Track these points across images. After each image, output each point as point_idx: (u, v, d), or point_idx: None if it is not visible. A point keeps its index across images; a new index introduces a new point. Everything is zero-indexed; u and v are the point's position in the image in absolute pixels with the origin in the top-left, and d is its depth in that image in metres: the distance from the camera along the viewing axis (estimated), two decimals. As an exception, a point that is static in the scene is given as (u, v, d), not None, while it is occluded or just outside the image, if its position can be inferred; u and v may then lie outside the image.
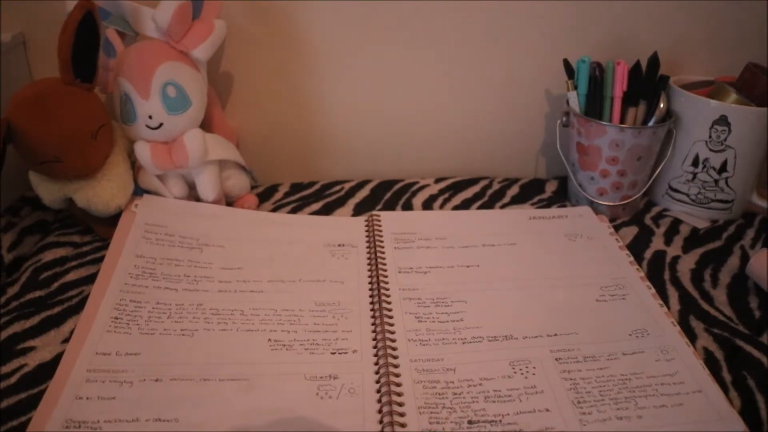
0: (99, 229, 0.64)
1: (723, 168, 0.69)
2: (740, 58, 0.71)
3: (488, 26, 0.73)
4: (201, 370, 0.47)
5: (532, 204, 0.74)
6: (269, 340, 0.51)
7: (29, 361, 0.49)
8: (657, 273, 0.62)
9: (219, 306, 0.54)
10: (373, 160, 0.81)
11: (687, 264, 0.63)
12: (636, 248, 0.65)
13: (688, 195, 0.72)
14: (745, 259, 0.64)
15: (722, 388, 0.47)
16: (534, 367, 0.49)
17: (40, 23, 0.70)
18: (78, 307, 0.54)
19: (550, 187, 0.78)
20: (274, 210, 0.71)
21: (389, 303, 0.55)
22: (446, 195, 0.75)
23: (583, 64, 0.68)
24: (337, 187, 0.76)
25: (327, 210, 0.72)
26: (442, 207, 0.73)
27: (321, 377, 0.47)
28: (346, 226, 0.67)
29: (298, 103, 0.76)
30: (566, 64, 0.70)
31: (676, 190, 0.73)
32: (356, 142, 0.79)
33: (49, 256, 0.61)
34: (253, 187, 0.75)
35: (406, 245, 0.63)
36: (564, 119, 0.72)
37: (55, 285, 0.57)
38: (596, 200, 0.71)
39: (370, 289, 0.57)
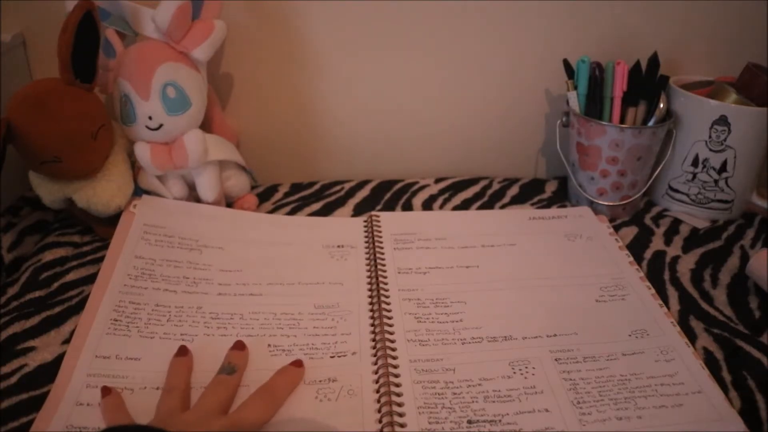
0: (99, 229, 0.64)
1: (723, 168, 0.69)
2: (740, 58, 0.71)
3: (488, 27, 0.73)
4: (202, 377, 0.47)
5: (532, 204, 0.74)
6: (269, 345, 0.51)
7: (29, 361, 0.49)
8: (657, 273, 0.62)
9: (219, 309, 0.54)
10: (373, 160, 0.81)
11: (687, 264, 0.63)
12: (636, 248, 0.65)
13: (688, 195, 0.72)
14: (745, 259, 0.64)
15: (722, 388, 0.47)
16: (533, 368, 0.49)
17: (40, 23, 0.70)
18: (78, 307, 0.54)
19: (550, 187, 0.78)
20: (274, 210, 0.71)
21: (388, 304, 0.55)
22: (446, 195, 0.75)
23: (583, 64, 0.68)
24: (337, 187, 0.76)
25: (327, 210, 0.71)
26: (442, 207, 0.73)
27: (320, 381, 0.47)
28: (344, 227, 0.66)
29: (298, 103, 0.76)
30: (566, 64, 0.70)
31: (676, 190, 0.72)
32: (356, 143, 0.79)
33: (49, 256, 0.61)
34: (253, 187, 0.75)
35: (405, 246, 0.63)
36: (564, 119, 0.72)
37: (55, 285, 0.57)
38: (596, 200, 0.71)
39: (369, 290, 0.57)
